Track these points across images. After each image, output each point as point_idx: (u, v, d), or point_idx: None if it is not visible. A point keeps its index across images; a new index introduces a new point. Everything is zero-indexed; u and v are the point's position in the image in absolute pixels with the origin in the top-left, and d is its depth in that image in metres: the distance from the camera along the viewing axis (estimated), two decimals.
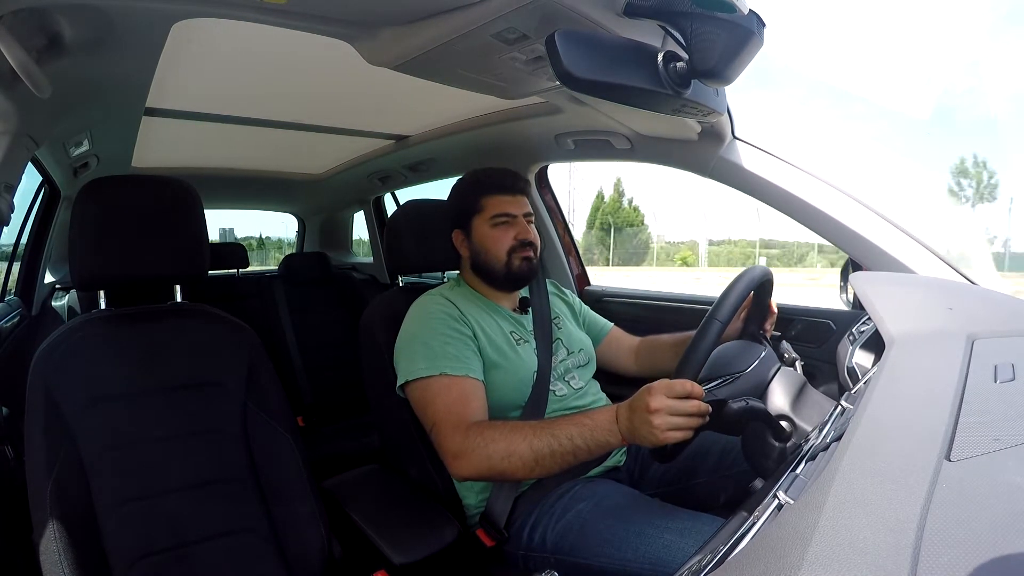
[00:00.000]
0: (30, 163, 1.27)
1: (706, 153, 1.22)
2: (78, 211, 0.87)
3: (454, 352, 0.96)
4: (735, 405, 0.71)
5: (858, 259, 1.11)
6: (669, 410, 0.71)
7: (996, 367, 0.54)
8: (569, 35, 0.64)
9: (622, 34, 0.77)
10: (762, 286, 0.93)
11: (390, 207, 2.80)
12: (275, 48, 1.03)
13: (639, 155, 1.38)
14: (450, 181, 1.22)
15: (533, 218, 1.12)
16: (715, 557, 0.43)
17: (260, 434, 0.94)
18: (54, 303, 1.97)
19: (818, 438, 0.58)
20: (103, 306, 0.94)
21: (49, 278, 2.03)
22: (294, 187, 2.54)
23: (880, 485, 0.36)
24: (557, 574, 0.57)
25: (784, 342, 0.97)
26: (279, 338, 2.22)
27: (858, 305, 1.14)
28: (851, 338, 0.95)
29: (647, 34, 0.78)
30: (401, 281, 1.34)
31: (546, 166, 1.75)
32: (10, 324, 1.55)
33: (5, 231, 0.91)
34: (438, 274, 1.36)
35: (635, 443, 0.77)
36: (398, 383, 0.98)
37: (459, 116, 1.57)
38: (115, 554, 0.79)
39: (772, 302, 1.02)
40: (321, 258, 2.47)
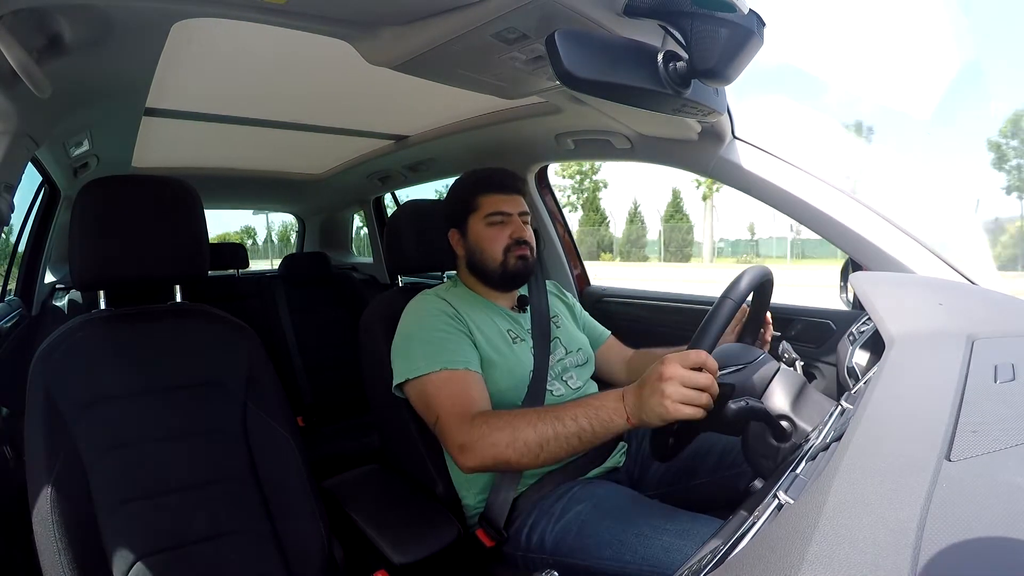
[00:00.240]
0: (30, 163, 1.27)
1: (706, 153, 1.23)
2: (78, 211, 0.87)
3: (452, 347, 0.96)
4: (735, 405, 0.71)
5: (858, 259, 1.11)
6: (682, 379, 0.69)
7: (996, 367, 0.54)
8: (569, 35, 0.63)
9: (622, 34, 0.77)
10: (763, 286, 0.94)
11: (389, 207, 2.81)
12: (275, 48, 1.03)
13: (639, 155, 1.38)
14: (448, 182, 1.23)
15: (529, 217, 1.12)
16: (715, 557, 0.43)
17: (260, 434, 0.94)
18: (55, 302, 1.97)
19: (818, 438, 0.58)
20: (103, 306, 0.94)
21: (49, 278, 2.03)
22: (294, 187, 2.55)
23: (880, 485, 0.36)
24: (557, 574, 0.56)
25: (784, 342, 0.97)
26: (279, 338, 2.22)
27: (858, 305, 1.14)
28: (851, 338, 0.95)
29: (647, 34, 0.78)
30: (401, 281, 1.34)
31: (546, 166, 1.76)
32: (10, 324, 1.55)
33: (5, 231, 0.91)
34: (438, 274, 1.36)
35: (642, 423, 0.74)
36: (396, 382, 0.98)
37: (459, 116, 1.57)
38: (115, 554, 0.79)
39: (768, 315, 1.02)
40: (321, 258, 2.48)
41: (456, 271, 1.18)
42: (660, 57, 0.70)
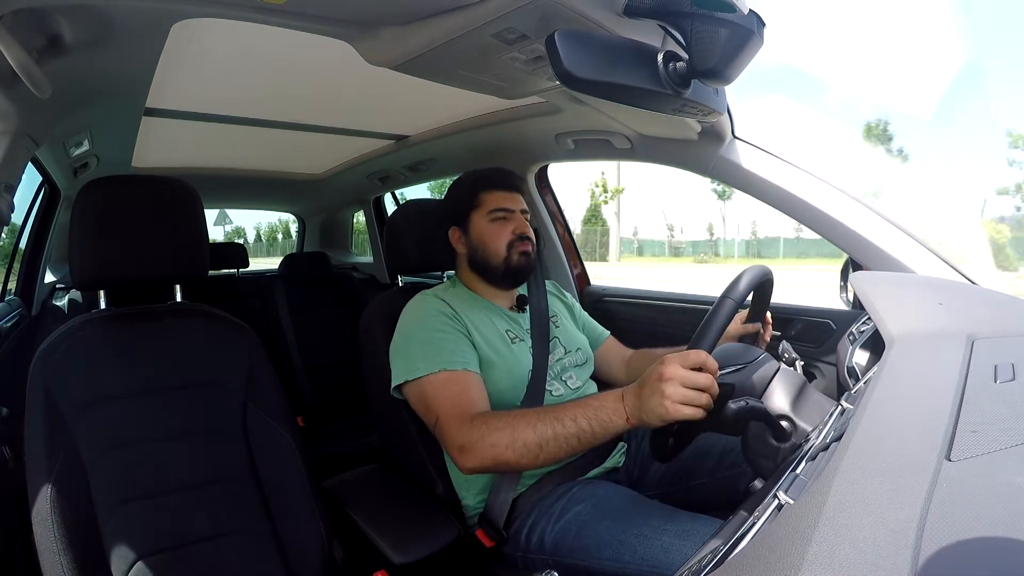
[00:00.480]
0: (30, 163, 1.27)
1: (706, 153, 1.23)
2: (78, 211, 0.87)
3: (451, 348, 0.96)
4: (735, 405, 0.71)
5: (858, 259, 1.11)
6: (682, 380, 0.69)
7: (996, 367, 0.54)
8: (569, 35, 0.63)
9: (622, 34, 0.77)
10: (763, 285, 0.94)
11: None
12: (275, 48, 1.03)
13: (639, 155, 1.38)
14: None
15: (529, 216, 1.13)
16: (715, 557, 0.43)
17: (260, 434, 0.94)
18: (55, 302, 1.97)
19: (818, 438, 0.58)
20: (103, 306, 0.94)
21: (49, 278, 2.03)
22: (294, 187, 2.55)
23: (880, 485, 0.36)
24: (556, 575, 0.56)
25: (784, 342, 0.97)
26: (279, 338, 2.22)
27: (858, 305, 1.14)
28: (851, 338, 0.95)
29: (647, 34, 0.78)
30: (401, 281, 1.34)
31: (546, 166, 1.76)
32: (10, 324, 1.55)
33: (5, 231, 0.91)
34: (438, 274, 1.36)
35: (641, 423, 0.74)
36: (395, 383, 0.98)
37: (459, 116, 1.57)
38: (115, 554, 0.79)
39: (768, 315, 1.02)
40: (321, 258, 2.48)
41: (455, 270, 1.18)
42: (660, 57, 0.70)
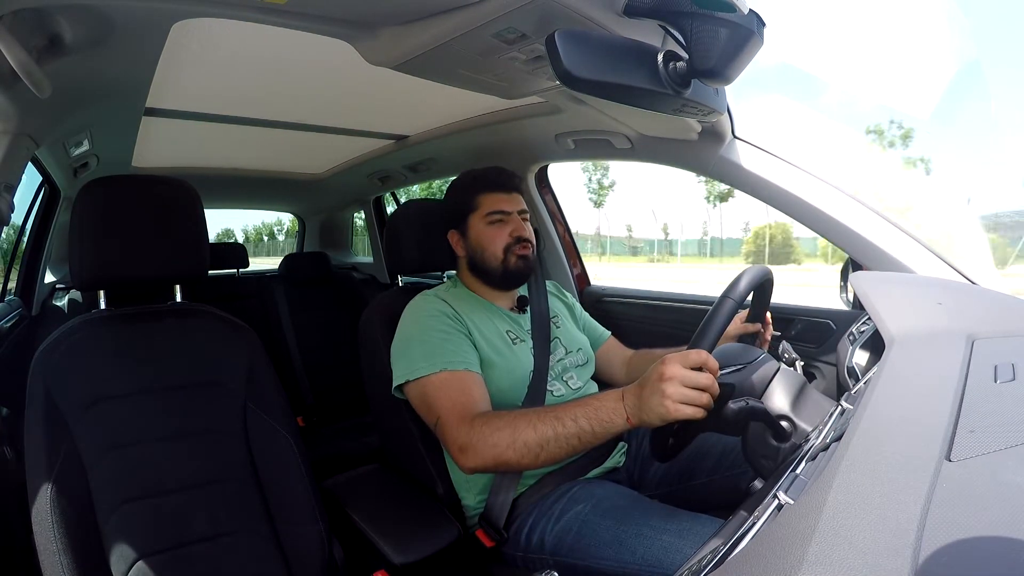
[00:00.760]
0: (30, 163, 1.27)
1: (706, 153, 1.23)
2: (78, 211, 0.87)
3: (452, 348, 0.96)
4: (735, 405, 0.71)
5: (858, 259, 1.11)
6: (683, 379, 0.69)
7: (996, 367, 0.54)
8: (569, 35, 0.63)
9: (622, 34, 0.77)
10: (762, 285, 0.94)
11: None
12: (275, 48, 1.03)
13: (639, 155, 1.38)
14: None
15: (528, 216, 1.12)
16: (715, 557, 0.43)
17: (260, 434, 0.94)
18: (55, 302, 1.97)
19: (818, 438, 0.58)
20: (103, 306, 0.94)
21: (49, 278, 2.03)
22: (294, 187, 2.55)
23: (880, 485, 0.36)
24: (556, 575, 0.56)
25: (784, 342, 0.97)
26: (279, 338, 2.22)
27: (858, 305, 1.14)
28: (851, 338, 0.95)
29: (647, 34, 0.78)
30: (401, 281, 1.34)
31: (546, 166, 1.76)
32: (10, 324, 1.55)
33: (5, 231, 0.91)
34: (438, 274, 1.36)
35: (642, 423, 0.74)
36: (396, 383, 0.98)
37: (459, 116, 1.57)
38: (115, 554, 0.79)
39: (768, 315, 1.02)
40: (321, 258, 2.48)
41: (457, 272, 1.18)
42: (660, 57, 0.70)
